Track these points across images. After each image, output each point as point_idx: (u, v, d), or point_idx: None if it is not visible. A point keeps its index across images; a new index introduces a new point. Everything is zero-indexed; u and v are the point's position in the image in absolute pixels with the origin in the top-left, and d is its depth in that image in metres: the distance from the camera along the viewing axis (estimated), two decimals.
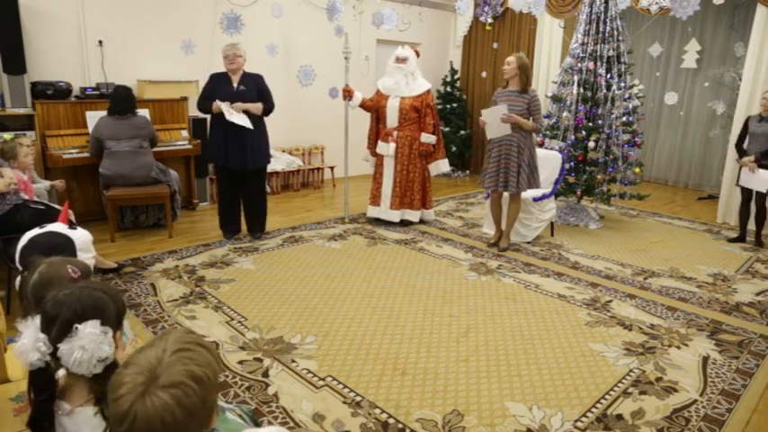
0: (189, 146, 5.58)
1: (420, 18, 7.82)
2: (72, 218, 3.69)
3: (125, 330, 1.66)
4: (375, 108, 5.49)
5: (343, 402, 2.55)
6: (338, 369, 2.84)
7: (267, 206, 5.03)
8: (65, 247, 2.02)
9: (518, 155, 4.58)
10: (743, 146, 5.17)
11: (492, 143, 4.69)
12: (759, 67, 5.68)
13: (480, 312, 3.59)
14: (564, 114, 5.63)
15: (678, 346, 3.20)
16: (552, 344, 3.19)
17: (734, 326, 3.51)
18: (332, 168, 7.39)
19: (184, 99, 5.72)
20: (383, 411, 2.49)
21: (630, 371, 2.91)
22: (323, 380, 2.73)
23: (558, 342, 3.21)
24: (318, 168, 7.33)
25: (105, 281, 3.83)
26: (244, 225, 5.00)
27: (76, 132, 5.03)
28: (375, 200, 5.55)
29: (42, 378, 1.30)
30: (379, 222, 5.56)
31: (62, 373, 1.36)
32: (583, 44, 5.61)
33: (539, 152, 5.50)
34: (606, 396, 2.67)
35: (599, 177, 5.60)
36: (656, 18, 6.02)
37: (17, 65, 4.66)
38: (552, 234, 5.40)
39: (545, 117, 6.11)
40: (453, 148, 8.18)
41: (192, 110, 5.44)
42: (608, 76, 5.56)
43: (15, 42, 4.61)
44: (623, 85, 5.56)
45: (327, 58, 7.11)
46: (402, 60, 5.31)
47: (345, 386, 2.68)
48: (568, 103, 5.61)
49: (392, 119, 5.33)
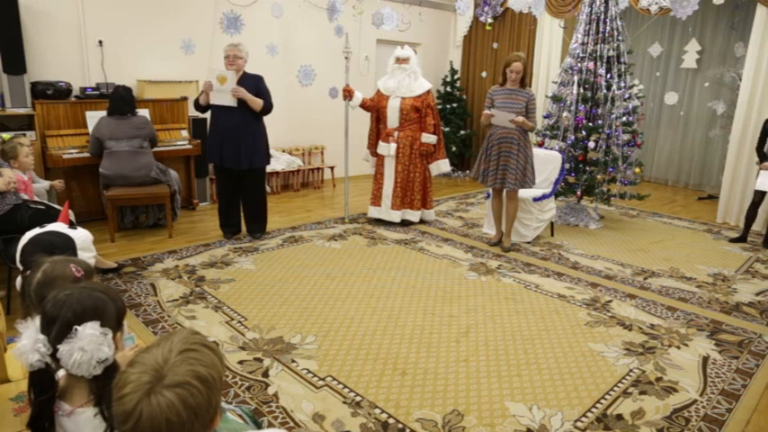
0: (189, 146, 5.58)
1: (420, 18, 7.83)
2: (72, 218, 3.69)
3: (128, 335, 1.67)
4: (375, 108, 5.49)
5: (343, 402, 2.55)
6: (338, 369, 2.84)
7: (267, 207, 5.01)
8: (65, 246, 2.02)
9: (517, 153, 4.59)
10: (764, 149, 5.11)
11: (492, 141, 4.68)
12: (759, 67, 5.68)
13: (480, 312, 3.59)
14: (564, 114, 5.63)
15: (678, 346, 3.20)
16: (552, 344, 3.19)
17: (734, 326, 3.51)
18: (332, 168, 7.39)
19: (184, 99, 5.72)
20: (383, 411, 2.49)
21: (630, 371, 2.91)
22: (323, 380, 2.73)
23: (558, 342, 3.21)
24: (318, 168, 7.33)
25: (105, 281, 3.83)
26: (244, 225, 5.01)
27: (76, 132, 5.03)
28: (376, 200, 5.55)
29: (42, 379, 1.30)
30: (379, 222, 5.56)
31: (62, 374, 1.36)
32: (583, 44, 5.61)
33: (539, 152, 5.51)
34: (606, 396, 2.67)
35: (599, 177, 5.60)
36: (656, 18, 6.01)
37: (17, 65, 4.66)
38: (552, 234, 5.40)
39: (545, 117, 6.11)
40: (453, 148, 8.19)
41: (192, 110, 5.44)
42: (608, 76, 5.56)
43: (15, 42, 4.61)
44: (623, 85, 5.56)
45: (327, 58, 7.11)
46: (404, 60, 5.31)
47: (345, 386, 2.68)
48: (568, 103, 5.61)
49: (393, 119, 5.33)
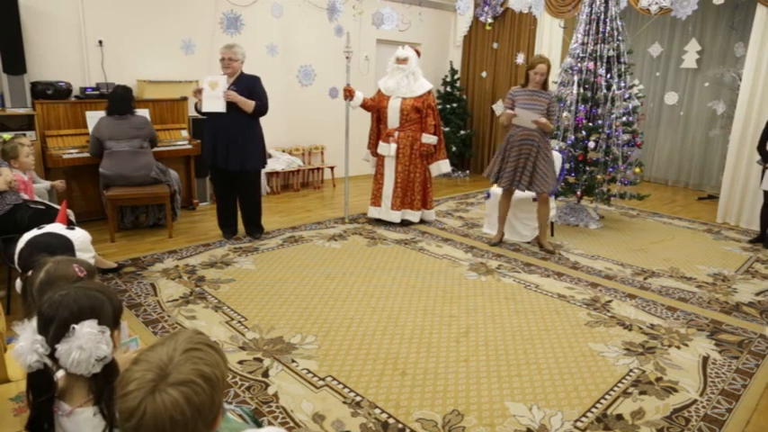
0: (189, 146, 5.58)
1: (420, 18, 7.82)
2: (72, 218, 3.69)
3: (133, 337, 1.67)
4: (376, 108, 5.49)
5: (343, 402, 2.55)
6: (338, 369, 2.83)
7: (261, 209, 4.98)
8: (63, 247, 2.02)
9: (536, 155, 4.55)
10: (766, 148, 5.10)
11: (512, 142, 4.60)
12: (759, 67, 5.67)
13: (480, 312, 3.58)
14: (564, 114, 5.63)
15: (678, 346, 3.20)
16: (552, 344, 3.19)
17: (734, 326, 3.51)
18: (332, 168, 7.39)
19: (184, 99, 5.72)
20: (383, 411, 2.49)
21: (630, 371, 2.91)
22: (323, 380, 2.73)
23: (558, 342, 3.21)
24: (318, 168, 7.33)
25: (105, 281, 3.83)
26: (241, 226, 5.00)
27: (76, 132, 5.03)
28: (376, 200, 5.55)
29: (41, 380, 1.30)
30: (379, 222, 5.56)
31: (61, 374, 1.36)
32: (583, 44, 5.61)
33: None
34: (606, 396, 2.67)
35: (599, 177, 5.60)
36: (656, 18, 6.01)
37: (17, 65, 4.66)
38: (552, 234, 5.40)
39: None
40: (453, 148, 8.18)
41: (193, 110, 5.44)
42: (608, 76, 5.55)
43: (15, 42, 4.61)
44: (623, 85, 5.55)
45: (327, 58, 7.11)
46: (403, 61, 5.31)
47: (345, 386, 2.68)
48: (568, 103, 5.60)
49: (393, 119, 5.33)
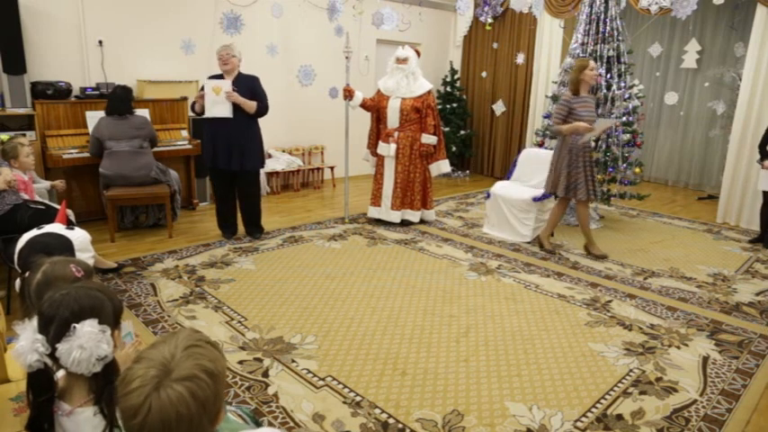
0: (189, 146, 5.58)
1: (420, 18, 7.82)
2: (72, 218, 3.69)
3: (127, 331, 1.67)
4: (376, 108, 5.48)
5: (343, 402, 2.55)
6: (338, 369, 2.83)
7: (261, 209, 4.99)
8: (63, 248, 2.02)
9: (591, 160, 4.54)
10: (766, 147, 5.09)
11: (576, 152, 4.45)
12: (759, 67, 5.67)
13: (480, 312, 3.58)
14: None
15: (678, 346, 3.20)
16: (552, 344, 3.19)
17: (734, 326, 3.51)
18: (332, 168, 7.39)
19: (184, 99, 5.72)
20: (383, 411, 2.49)
21: (630, 371, 2.91)
22: (323, 380, 2.73)
23: (558, 342, 3.21)
24: (318, 168, 7.33)
25: (105, 281, 3.83)
26: (241, 226, 5.00)
27: (76, 132, 5.03)
28: (376, 201, 5.55)
29: (41, 379, 1.30)
30: (379, 222, 5.56)
31: (61, 374, 1.36)
32: (583, 44, 5.61)
33: (539, 152, 5.52)
34: (606, 396, 2.67)
35: (599, 177, 5.60)
36: (656, 18, 6.01)
37: (17, 65, 4.66)
38: (552, 234, 5.40)
39: (545, 117, 6.11)
40: (453, 148, 8.18)
41: (191, 111, 5.44)
42: (608, 76, 5.55)
43: (15, 42, 4.61)
44: (623, 85, 5.55)
45: (327, 58, 7.11)
46: (402, 61, 5.31)
47: (345, 386, 2.68)
48: None
49: (393, 119, 5.33)
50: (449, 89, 8.42)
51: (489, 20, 7.91)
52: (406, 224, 5.53)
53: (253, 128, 4.66)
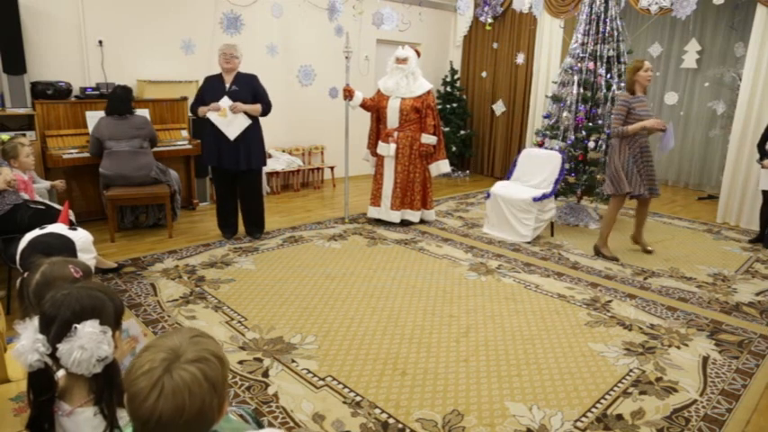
0: (189, 146, 5.58)
1: (420, 18, 7.82)
2: (72, 218, 3.69)
3: (128, 327, 1.67)
4: (376, 108, 5.49)
5: (343, 402, 2.55)
6: (338, 369, 2.84)
7: (264, 208, 5.01)
8: (65, 248, 2.02)
9: (651, 158, 4.60)
10: (765, 147, 5.09)
11: (636, 151, 4.51)
12: (759, 67, 5.67)
13: (480, 312, 3.58)
14: (564, 114, 5.63)
15: (678, 346, 3.20)
16: (552, 344, 3.19)
17: (734, 326, 3.51)
18: (332, 168, 7.39)
19: (184, 99, 5.72)
20: (383, 411, 2.49)
21: (630, 371, 2.91)
22: (323, 380, 2.73)
23: (558, 342, 3.21)
24: (318, 168, 7.33)
25: (105, 281, 3.83)
26: (241, 226, 5.01)
27: (76, 132, 5.03)
28: (375, 200, 5.55)
29: (42, 379, 1.30)
30: (379, 222, 5.56)
31: (62, 374, 1.36)
32: (583, 44, 5.61)
33: (539, 152, 5.52)
34: (606, 396, 2.67)
35: (599, 177, 5.60)
36: (656, 18, 6.01)
37: (17, 65, 4.66)
38: (552, 234, 5.40)
39: (545, 117, 6.11)
40: (453, 148, 8.18)
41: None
42: (608, 76, 5.56)
43: (15, 42, 4.61)
44: (623, 85, 5.55)
45: (327, 58, 7.11)
46: (402, 61, 5.31)
47: (345, 386, 2.68)
48: (568, 103, 5.61)
49: (393, 119, 5.33)
50: (449, 89, 8.42)
51: (489, 20, 7.92)
52: (405, 224, 5.53)
53: (257, 126, 4.72)
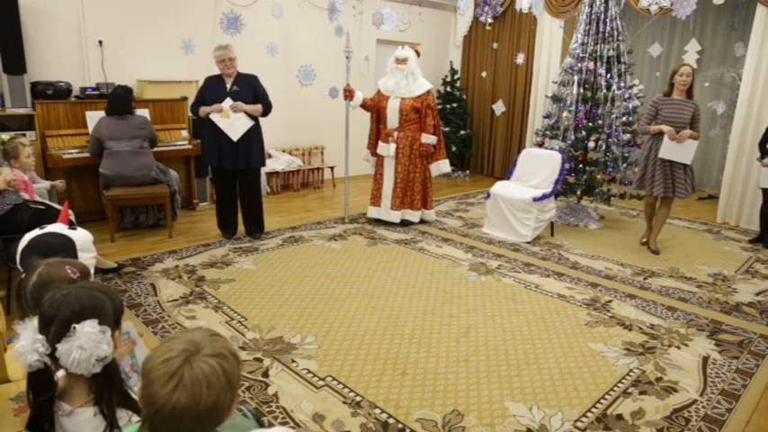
0: (189, 146, 5.58)
1: (420, 18, 7.82)
2: (72, 218, 3.69)
3: (127, 330, 1.66)
4: (376, 108, 5.49)
5: (343, 402, 2.55)
6: (338, 369, 2.83)
7: (263, 208, 5.01)
8: (65, 248, 2.01)
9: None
10: (766, 146, 5.09)
11: (655, 150, 4.65)
12: (759, 67, 5.67)
13: (480, 312, 3.58)
14: (564, 114, 5.63)
15: (678, 346, 3.20)
16: (552, 344, 3.19)
17: (734, 326, 3.51)
18: (332, 168, 7.39)
19: (184, 99, 5.72)
20: (383, 411, 2.49)
21: (630, 371, 2.91)
22: (323, 380, 2.73)
23: (558, 342, 3.21)
24: (318, 168, 7.33)
25: (105, 281, 3.83)
26: (241, 226, 5.01)
27: (76, 132, 5.03)
28: (375, 200, 5.55)
29: (41, 379, 1.30)
30: (379, 222, 5.56)
31: (61, 374, 1.36)
32: (583, 44, 5.61)
33: (539, 152, 5.52)
34: (606, 396, 2.67)
35: (599, 177, 5.60)
36: (656, 18, 6.01)
37: (17, 65, 4.66)
38: (552, 234, 5.40)
39: (545, 117, 6.11)
40: (453, 148, 8.18)
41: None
42: (608, 76, 5.55)
43: (15, 42, 4.61)
44: (623, 85, 5.56)
45: (327, 58, 7.11)
46: (402, 61, 5.31)
47: (345, 386, 2.68)
48: (568, 103, 5.61)
49: (393, 120, 5.33)
50: (449, 89, 8.42)
51: (489, 20, 7.92)
52: (405, 224, 5.53)
53: (257, 127, 4.73)
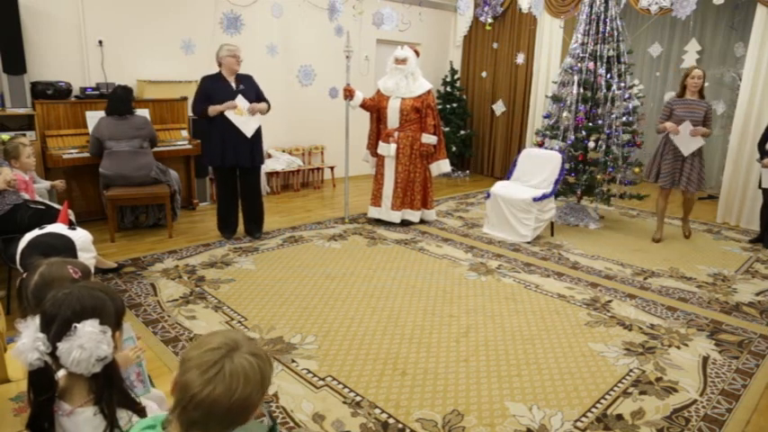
0: (189, 146, 5.58)
1: (420, 18, 7.82)
2: (72, 218, 3.69)
3: (129, 335, 1.66)
4: (376, 108, 5.48)
5: (343, 402, 2.55)
6: (338, 369, 2.84)
7: (264, 207, 5.02)
8: (65, 248, 2.01)
9: (693, 156, 4.92)
10: (765, 146, 5.10)
11: (669, 144, 4.99)
12: (759, 67, 5.68)
13: (480, 312, 3.58)
14: (564, 114, 5.63)
15: (678, 346, 3.20)
16: (552, 344, 3.19)
17: (734, 326, 3.51)
18: (332, 168, 7.39)
19: (184, 99, 5.72)
20: (383, 411, 2.49)
21: (630, 371, 2.91)
22: (323, 380, 2.73)
23: (558, 342, 3.21)
24: (318, 168, 7.33)
25: (105, 281, 3.83)
26: (241, 226, 5.01)
27: (76, 132, 5.03)
28: (376, 201, 5.55)
29: (42, 378, 1.30)
30: (379, 222, 5.56)
31: (62, 374, 1.36)
32: (583, 44, 5.60)
33: (539, 152, 5.52)
34: (606, 396, 2.67)
35: (599, 177, 5.60)
36: (656, 18, 6.01)
37: (17, 65, 4.66)
38: (552, 234, 5.40)
39: (545, 117, 6.11)
40: (453, 148, 8.18)
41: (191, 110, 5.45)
42: (608, 76, 5.55)
43: (15, 42, 4.61)
44: (623, 85, 5.55)
45: (327, 58, 7.11)
46: (401, 61, 5.31)
47: (345, 386, 2.68)
48: (568, 103, 5.61)
49: (393, 120, 5.33)
50: (449, 89, 8.42)
51: (489, 20, 7.92)
52: (406, 224, 5.53)
53: (258, 125, 4.75)
